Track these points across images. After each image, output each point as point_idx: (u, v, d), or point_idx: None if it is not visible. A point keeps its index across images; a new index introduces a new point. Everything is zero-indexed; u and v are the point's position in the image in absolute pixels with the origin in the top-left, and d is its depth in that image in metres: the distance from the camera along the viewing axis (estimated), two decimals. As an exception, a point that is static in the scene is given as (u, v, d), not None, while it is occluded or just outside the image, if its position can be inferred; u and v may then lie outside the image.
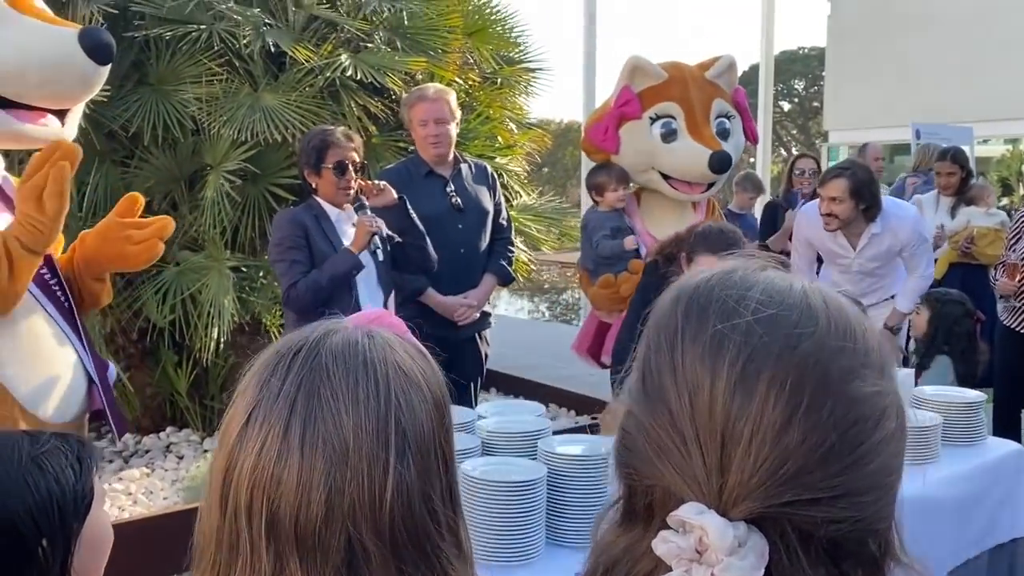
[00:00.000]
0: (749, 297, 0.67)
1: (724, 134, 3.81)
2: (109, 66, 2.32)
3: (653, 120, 3.74)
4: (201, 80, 4.10)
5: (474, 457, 2.00)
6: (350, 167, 2.98)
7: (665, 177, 3.80)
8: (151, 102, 4.08)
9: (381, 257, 3.03)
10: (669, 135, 3.74)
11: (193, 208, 4.24)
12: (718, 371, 0.64)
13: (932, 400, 2.60)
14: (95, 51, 2.21)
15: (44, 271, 2.31)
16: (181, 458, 4.54)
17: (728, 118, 3.88)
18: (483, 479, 1.80)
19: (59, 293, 2.39)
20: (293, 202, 4.36)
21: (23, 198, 2.12)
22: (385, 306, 3.13)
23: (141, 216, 2.54)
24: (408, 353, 0.80)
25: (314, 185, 3.06)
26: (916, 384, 2.84)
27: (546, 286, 13.89)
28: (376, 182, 3.12)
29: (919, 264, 3.73)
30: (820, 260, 4.01)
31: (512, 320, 9.49)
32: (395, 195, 3.09)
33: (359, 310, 3.02)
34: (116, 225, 2.43)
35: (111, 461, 4.36)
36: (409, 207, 3.13)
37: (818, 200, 3.69)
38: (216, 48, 4.12)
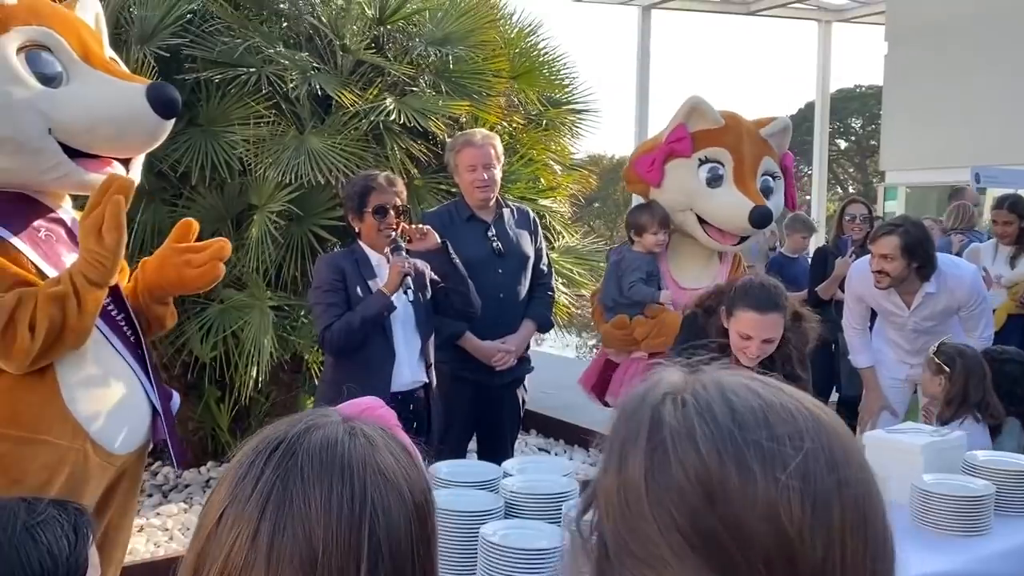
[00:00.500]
0: (790, 435, 0.63)
1: (767, 192, 3.76)
2: (174, 120, 2.41)
3: (702, 162, 3.69)
4: (249, 122, 4.17)
5: (496, 519, 1.95)
6: (391, 211, 3.00)
7: (701, 222, 3.74)
8: (200, 143, 4.16)
9: (411, 298, 3.02)
10: (715, 180, 3.68)
11: (238, 247, 4.29)
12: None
13: (984, 467, 2.48)
14: (161, 106, 2.31)
15: (110, 306, 2.39)
16: (220, 494, 4.56)
17: (773, 178, 3.82)
18: (502, 544, 1.75)
19: (125, 327, 2.47)
20: (335, 243, 4.41)
21: (84, 234, 2.20)
22: (422, 351, 3.13)
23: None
24: (392, 453, 0.77)
25: (357, 229, 3.09)
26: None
27: (592, 323, 13.78)
28: (419, 226, 3.13)
29: (977, 325, 3.59)
30: (874, 313, 3.89)
31: (556, 358, 9.41)
32: (438, 239, 3.09)
33: (394, 354, 3.05)
34: (173, 251, 2.51)
35: (150, 495, 4.39)
36: (452, 251, 3.13)
37: (869, 256, 3.58)
38: (264, 91, 4.20)
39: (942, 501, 2.27)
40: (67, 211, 2.47)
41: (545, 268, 3.70)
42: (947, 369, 3.10)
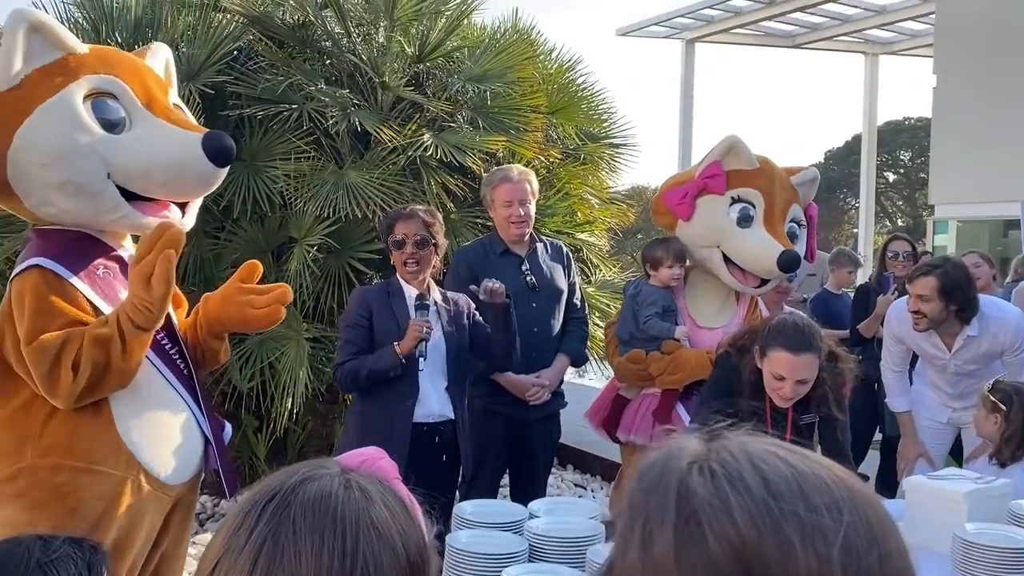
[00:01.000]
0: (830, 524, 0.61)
1: (793, 239, 3.71)
2: (228, 167, 2.49)
3: (734, 201, 3.66)
4: (290, 157, 4.25)
5: (520, 563, 1.92)
6: (408, 243, 3.02)
7: (727, 261, 3.70)
8: (243, 177, 4.24)
9: (422, 366, 2.98)
10: (745, 220, 3.64)
11: (277, 279, 4.35)
12: None
13: (1032, 518, 2.38)
14: (216, 155, 2.39)
15: (164, 340, 2.47)
16: (254, 524, 4.59)
17: (799, 225, 3.79)
18: (523, 590, 1.73)
19: (177, 359, 2.54)
20: (372, 276, 4.44)
21: (133, 280, 2.27)
22: (450, 386, 3.11)
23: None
24: (388, 507, 0.76)
25: (392, 261, 3.14)
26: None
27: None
28: (493, 285, 3.10)
29: (1023, 370, 3.48)
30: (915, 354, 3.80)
31: (595, 391, 9.31)
32: (504, 299, 3.10)
33: (417, 389, 3.02)
34: (238, 290, 2.57)
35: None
36: (511, 311, 3.12)
37: (907, 296, 3.50)
38: (305, 127, 4.28)
39: (985, 552, 2.18)
40: (126, 248, 2.55)
41: (578, 302, 3.70)
42: (1003, 407, 3.00)
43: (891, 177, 29.38)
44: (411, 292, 3.07)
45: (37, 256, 2.32)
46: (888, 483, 4.76)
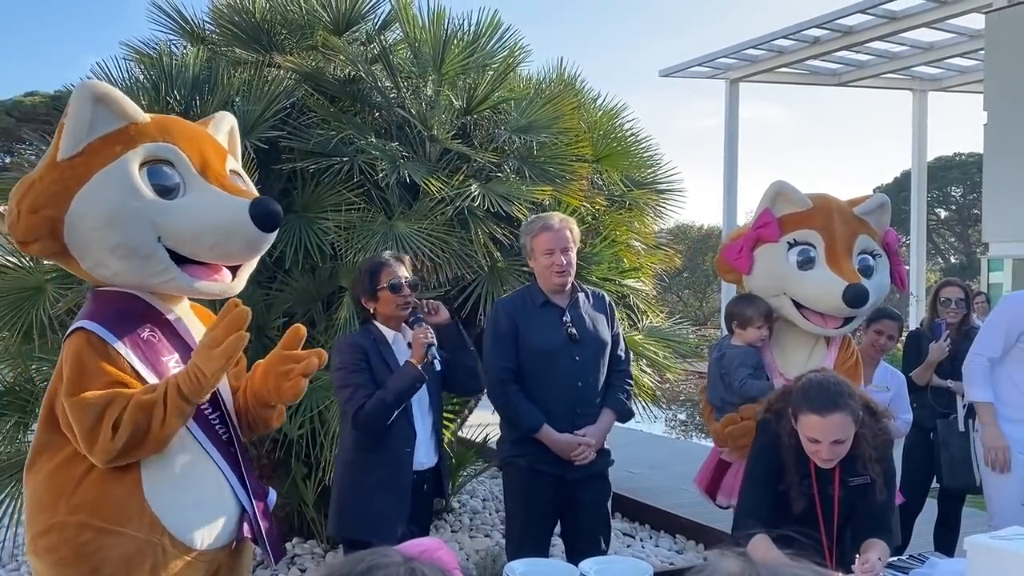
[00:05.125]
0: None
1: (867, 271, 3.60)
2: (275, 232, 2.55)
3: (791, 246, 3.60)
4: (340, 208, 4.33)
5: (570, 625, 1.91)
6: (404, 284, 3.15)
7: (798, 307, 3.64)
8: (295, 228, 4.33)
9: (439, 367, 3.08)
10: (806, 263, 3.58)
11: (328, 327, 4.43)
12: None
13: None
14: (262, 220, 2.45)
15: (204, 404, 2.47)
16: (304, 571, 4.61)
17: (873, 256, 3.66)
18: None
19: (217, 425, 2.55)
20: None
21: (198, 350, 2.33)
22: (434, 428, 3.21)
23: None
24: (449, 599, 0.78)
25: (372, 310, 3.20)
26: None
27: (682, 397, 13.51)
28: (430, 301, 3.26)
29: None
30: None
31: (643, 435, 9.22)
32: (447, 315, 3.21)
33: (415, 433, 3.10)
34: (279, 359, 2.56)
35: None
36: (461, 327, 3.25)
37: None
38: (356, 179, 4.37)
39: (1053, 620, 2.11)
40: (177, 313, 2.59)
41: (622, 353, 3.56)
42: None
43: (942, 214, 28.81)
44: (392, 336, 3.18)
45: (85, 319, 2.39)
46: (946, 538, 4.62)
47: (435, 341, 3.05)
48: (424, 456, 3.17)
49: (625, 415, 3.56)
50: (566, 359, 3.34)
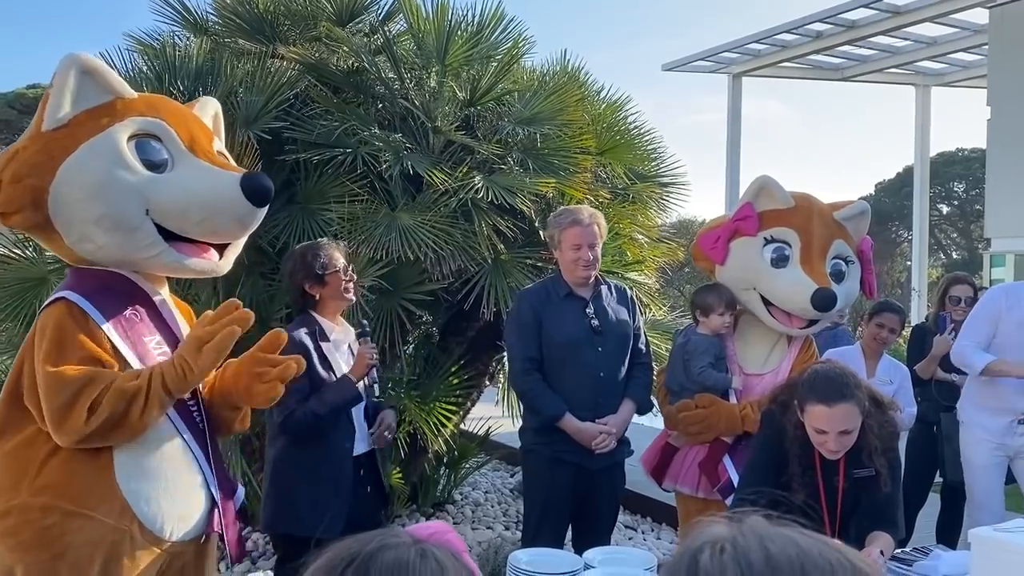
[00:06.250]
0: None
1: (839, 276, 3.61)
2: (266, 208, 2.49)
3: (768, 241, 3.60)
4: (344, 200, 4.33)
5: (575, 614, 1.91)
6: (349, 266, 3.17)
7: (766, 303, 3.65)
8: (298, 220, 4.33)
9: (377, 392, 3.09)
10: (780, 260, 3.58)
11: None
12: None
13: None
14: (253, 194, 2.40)
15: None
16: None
17: (847, 262, 3.67)
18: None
19: (195, 414, 2.48)
20: (422, 316, 4.48)
21: (187, 342, 2.27)
22: (366, 421, 3.19)
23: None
24: (460, 578, 0.78)
25: (317, 296, 3.13)
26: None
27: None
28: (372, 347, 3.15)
29: None
30: None
31: (644, 429, 9.20)
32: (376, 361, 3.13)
33: (354, 431, 3.05)
34: (253, 360, 2.47)
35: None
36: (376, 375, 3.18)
37: None
38: (359, 171, 4.36)
39: (1057, 612, 2.11)
40: (162, 295, 2.53)
41: (643, 347, 3.60)
42: None
43: (944, 209, 28.79)
44: (331, 330, 3.14)
45: (66, 290, 2.31)
46: (948, 532, 4.63)
47: (378, 363, 3.04)
48: (361, 442, 3.15)
49: (645, 407, 3.59)
50: (589, 350, 3.37)
